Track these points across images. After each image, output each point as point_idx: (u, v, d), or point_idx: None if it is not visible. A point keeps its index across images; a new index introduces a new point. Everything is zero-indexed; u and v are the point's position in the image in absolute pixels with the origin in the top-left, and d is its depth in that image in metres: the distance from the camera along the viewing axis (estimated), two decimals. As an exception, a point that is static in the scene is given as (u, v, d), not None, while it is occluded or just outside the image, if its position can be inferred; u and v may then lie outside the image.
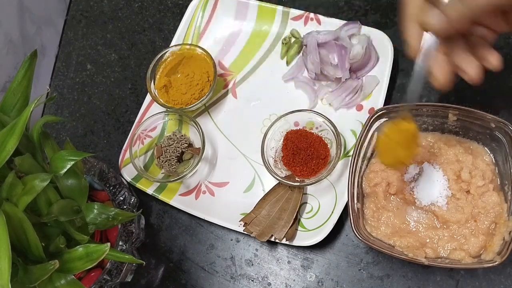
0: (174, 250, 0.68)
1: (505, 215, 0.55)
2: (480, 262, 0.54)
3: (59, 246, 0.50)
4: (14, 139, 0.46)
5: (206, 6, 0.76)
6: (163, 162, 0.68)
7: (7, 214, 0.44)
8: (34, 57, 0.53)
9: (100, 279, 0.57)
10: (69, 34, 0.84)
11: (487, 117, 0.57)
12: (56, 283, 0.48)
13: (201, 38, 0.76)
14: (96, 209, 0.53)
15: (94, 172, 0.62)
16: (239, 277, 0.65)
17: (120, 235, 0.60)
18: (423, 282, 0.61)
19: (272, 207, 0.64)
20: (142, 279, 0.68)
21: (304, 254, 0.65)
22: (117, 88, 0.79)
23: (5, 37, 0.70)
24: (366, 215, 0.59)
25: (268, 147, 0.66)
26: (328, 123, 0.64)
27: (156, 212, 0.70)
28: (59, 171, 0.50)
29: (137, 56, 0.80)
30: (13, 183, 0.46)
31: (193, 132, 0.70)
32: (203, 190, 0.69)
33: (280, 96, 0.71)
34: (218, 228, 0.68)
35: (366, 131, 0.60)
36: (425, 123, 0.61)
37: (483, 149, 0.60)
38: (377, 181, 0.59)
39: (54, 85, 0.81)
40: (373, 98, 0.67)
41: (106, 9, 0.84)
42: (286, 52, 0.73)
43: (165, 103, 0.70)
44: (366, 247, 0.64)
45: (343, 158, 0.65)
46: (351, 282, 0.63)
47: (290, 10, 0.73)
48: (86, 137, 0.77)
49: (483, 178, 0.57)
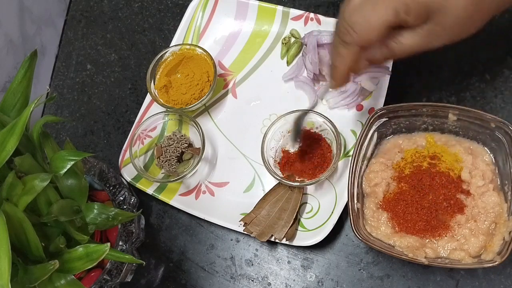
0: (174, 250, 0.68)
1: (505, 215, 0.55)
2: (480, 262, 0.54)
3: (59, 246, 0.50)
4: (14, 139, 0.46)
5: (206, 6, 0.76)
6: (163, 162, 0.68)
7: (7, 214, 0.44)
8: (34, 57, 0.53)
9: (100, 279, 0.57)
10: (69, 34, 0.84)
11: (487, 117, 0.57)
12: (56, 283, 0.48)
13: (201, 38, 0.76)
14: (96, 209, 0.53)
15: (94, 172, 0.62)
16: (239, 277, 0.65)
17: (120, 235, 0.60)
18: (423, 282, 0.61)
19: (272, 207, 0.64)
20: (142, 279, 0.68)
21: (304, 254, 0.65)
22: (117, 88, 0.79)
23: (5, 37, 0.70)
24: (366, 215, 0.59)
25: (268, 147, 0.66)
26: (328, 123, 0.64)
27: (156, 212, 0.70)
28: (59, 171, 0.50)
29: (137, 56, 0.80)
30: (13, 183, 0.46)
31: (193, 132, 0.70)
32: (203, 190, 0.69)
33: (280, 96, 0.71)
34: (218, 228, 0.68)
35: (366, 131, 0.60)
36: (425, 123, 0.61)
37: (483, 149, 0.60)
38: (377, 181, 0.59)
39: (54, 85, 0.81)
40: (373, 98, 0.67)
41: (106, 9, 0.84)
42: (286, 52, 0.73)
43: (165, 103, 0.70)
44: (366, 247, 0.64)
45: (343, 158, 0.65)
46: (351, 282, 0.63)
47: (290, 10, 0.73)
48: (86, 137, 0.77)
49: (483, 178, 0.57)
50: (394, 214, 0.58)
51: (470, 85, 0.68)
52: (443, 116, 0.60)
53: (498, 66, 0.68)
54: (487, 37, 0.69)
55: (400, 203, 0.58)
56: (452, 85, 0.68)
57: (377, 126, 0.61)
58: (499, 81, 0.67)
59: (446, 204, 0.57)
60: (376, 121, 0.60)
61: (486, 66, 0.68)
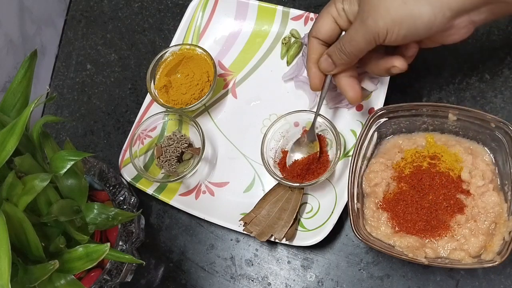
0: (174, 250, 0.68)
1: (505, 215, 0.55)
2: (480, 262, 0.54)
3: (59, 246, 0.50)
4: (14, 139, 0.46)
5: (206, 6, 0.76)
6: (163, 162, 0.68)
7: (7, 214, 0.44)
8: (34, 57, 0.53)
9: (100, 279, 0.57)
10: (69, 34, 0.84)
11: (487, 117, 0.57)
12: (56, 283, 0.48)
13: (201, 38, 0.76)
14: (96, 209, 0.53)
15: (94, 172, 0.62)
16: (239, 277, 0.65)
17: (120, 235, 0.60)
18: (423, 282, 0.61)
19: (272, 207, 0.64)
20: (142, 279, 0.68)
21: (304, 254, 0.65)
22: (117, 88, 0.79)
23: (5, 37, 0.70)
24: (366, 215, 0.59)
25: (267, 147, 0.66)
26: (328, 123, 0.64)
27: (156, 212, 0.70)
28: (59, 171, 0.50)
29: (137, 56, 0.80)
30: (13, 183, 0.46)
31: (193, 132, 0.70)
32: (203, 190, 0.69)
33: (280, 96, 0.71)
34: (218, 228, 0.68)
35: (366, 131, 0.60)
36: (425, 123, 0.61)
37: (483, 149, 0.60)
38: (377, 181, 0.59)
39: (54, 85, 0.81)
40: (373, 98, 0.67)
41: (106, 9, 0.84)
42: (286, 52, 0.73)
43: (165, 103, 0.70)
44: (366, 247, 0.64)
45: (343, 158, 0.65)
46: (351, 282, 0.63)
47: (290, 10, 0.73)
48: (86, 137, 0.77)
49: (483, 178, 0.57)
50: (394, 214, 0.58)
51: (470, 85, 0.68)
52: (443, 116, 0.60)
53: (498, 66, 0.68)
54: (487, 37, 0.69)
55: (400, 203, 0.58)
56: (452, 85, 0.68)
57: (377, 126, 0.61)
58: (499, 81, 0.67)
59: (446, 204, 0.57)
60: (376, 121, 0.60)
61: (486, 66, 0.68)
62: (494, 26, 0.69)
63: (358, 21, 0.54)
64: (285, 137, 0.67)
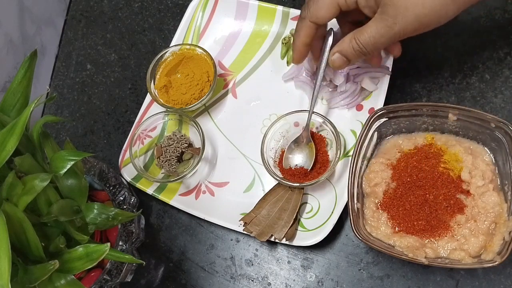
0: (174, 250, 0.68)
1: (505, 215, 0.55)
2: (480, 262, 0.54)
3: (59, 246, 0.50)
4: (14, 139, 0.46)
5: (206, 6, 0.76)
6: (163, 162, 0.68)
7: (7, 214, 0.44)
8: (34, 57, 0.53)
9: (100, 279, 0.57)
10: (69, 34, 0.84)
11: (487, 117, 0.57)
12: (56, 283, 0.48)
13: (201, 38, 0.76)
14: (96, 209, 0.53)
15: (94, 172, 0.62)
16: (239, 277, 0.65)
17: (120, 235, 0.60)
18: (423, 282, 0.61)
19: (272, 207, 0.64)
20: (142, 279, 0.68)
21: (304, 254, 0.65)
22: (117, 88, 0.79)
23: (5, 37, 0.70)
24: (366, 215, 0.59)
25: (267, 147, 0.66)
26: (328, 123, 0.64)
27: (156, 212, 0.70)
28: (59, 171, 0.50)
29: (137, 56, 0.80)
30: (13, 183, 0.46)
31: (193, 132, 0.70)
32: (203, 190, 0.69)
33: (280, 96, 0.71)
34: (218, 228, 0.68)
35: (366, 131, 0.60)
36: (425, 123, 0.61)
37: (483, 149, 0.60)
38: (377, 181, 0.59)
39: (54, 85, 0.81)
40: (373, 98, 0.67)
41: (106, 9, 0.84)
42: (286, 52, 0.73)
43: (165, 103, 0.70)
44: (366, 247, 0.64)
45: (343, 158, 0.65)
46: (351, 282, 0.63)
47: (290, 10, 0.73)
48: (86, 137, 0.77)
49: (483, 178, 0.57)
50: (394, 214, 0.58)
51: (470, 85, 0.68)
52: (443, 116, 0.60)
53: (498, 66, 0.68)
54: (487, 37, 0.69)
55: (400, 203, 0.58)
56: (452, 85, 0.68)
57: (377, 126, 0.61)
58: (499, 81, 0.67)
59: (446, 204, 0.57)
60: (376, 121, 0.60)
61: (486, 66, 0.68)
62: (494, 26, 0.69)
63: (383, 26, 0.53)
64: (285, 137, 0.67)
